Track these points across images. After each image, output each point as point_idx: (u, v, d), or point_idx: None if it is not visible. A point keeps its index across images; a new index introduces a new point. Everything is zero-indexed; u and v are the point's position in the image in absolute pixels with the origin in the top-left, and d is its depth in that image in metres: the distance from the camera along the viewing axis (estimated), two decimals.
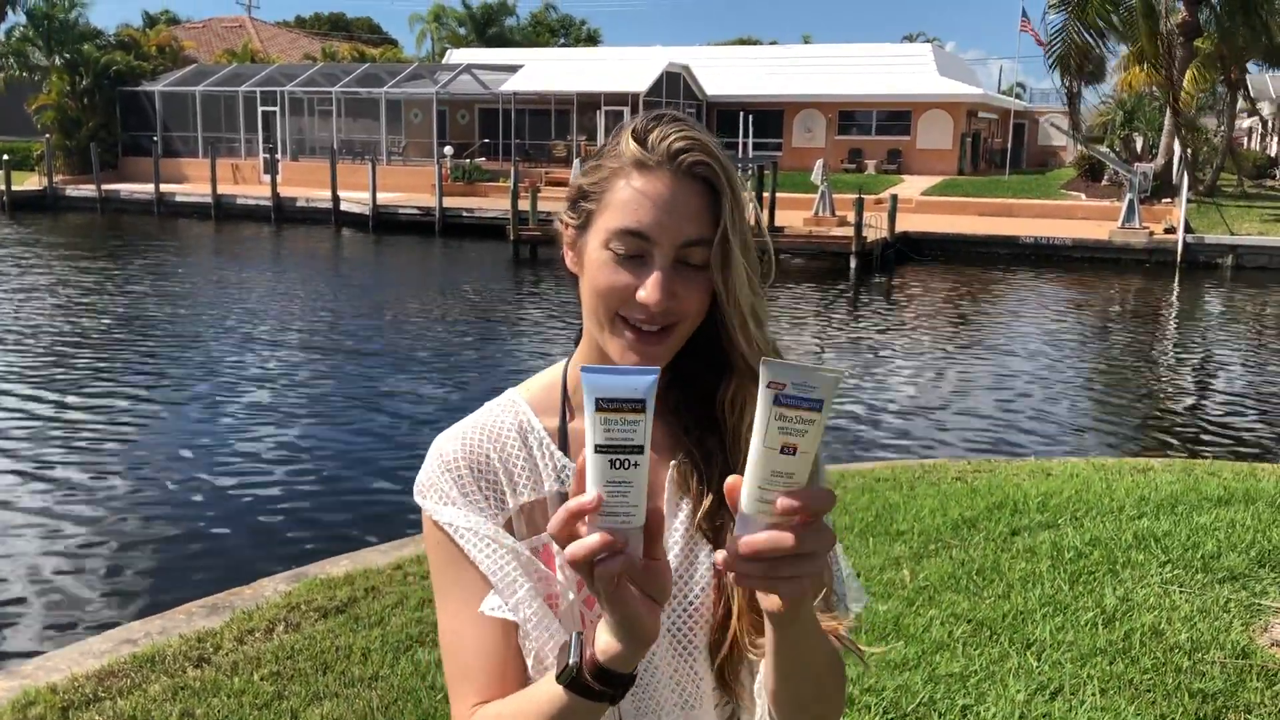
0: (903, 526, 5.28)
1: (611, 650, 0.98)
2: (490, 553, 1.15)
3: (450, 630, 1.18)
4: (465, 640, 1.16)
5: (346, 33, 67.37)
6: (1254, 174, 33.65)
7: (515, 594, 1.14)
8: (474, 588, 1.16)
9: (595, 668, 0.99)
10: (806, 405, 0.93)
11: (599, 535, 0.93)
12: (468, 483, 1.18)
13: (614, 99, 35.41)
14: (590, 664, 1.00)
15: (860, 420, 10.64)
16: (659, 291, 1.10)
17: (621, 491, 0.94)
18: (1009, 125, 44.50)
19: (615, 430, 0.93)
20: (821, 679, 1.10)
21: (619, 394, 0.93)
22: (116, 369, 12.58)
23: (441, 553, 1.19)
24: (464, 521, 1.17)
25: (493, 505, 1.18)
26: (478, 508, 1.18)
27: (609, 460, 0.94)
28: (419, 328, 15.77)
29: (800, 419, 0.93)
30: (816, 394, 0.93)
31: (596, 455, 0.94)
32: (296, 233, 29.42)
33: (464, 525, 1.17)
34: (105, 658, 4.03)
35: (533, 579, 1.15)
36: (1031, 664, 3.71)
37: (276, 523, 7.62)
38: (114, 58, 38.60)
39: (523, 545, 1.17)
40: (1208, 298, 20.82)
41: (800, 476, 0.94)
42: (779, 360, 0.94)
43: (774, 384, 0.93)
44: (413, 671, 3.87)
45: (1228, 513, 5.27)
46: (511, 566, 1.15)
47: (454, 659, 1.18)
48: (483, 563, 1.15)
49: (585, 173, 1.18)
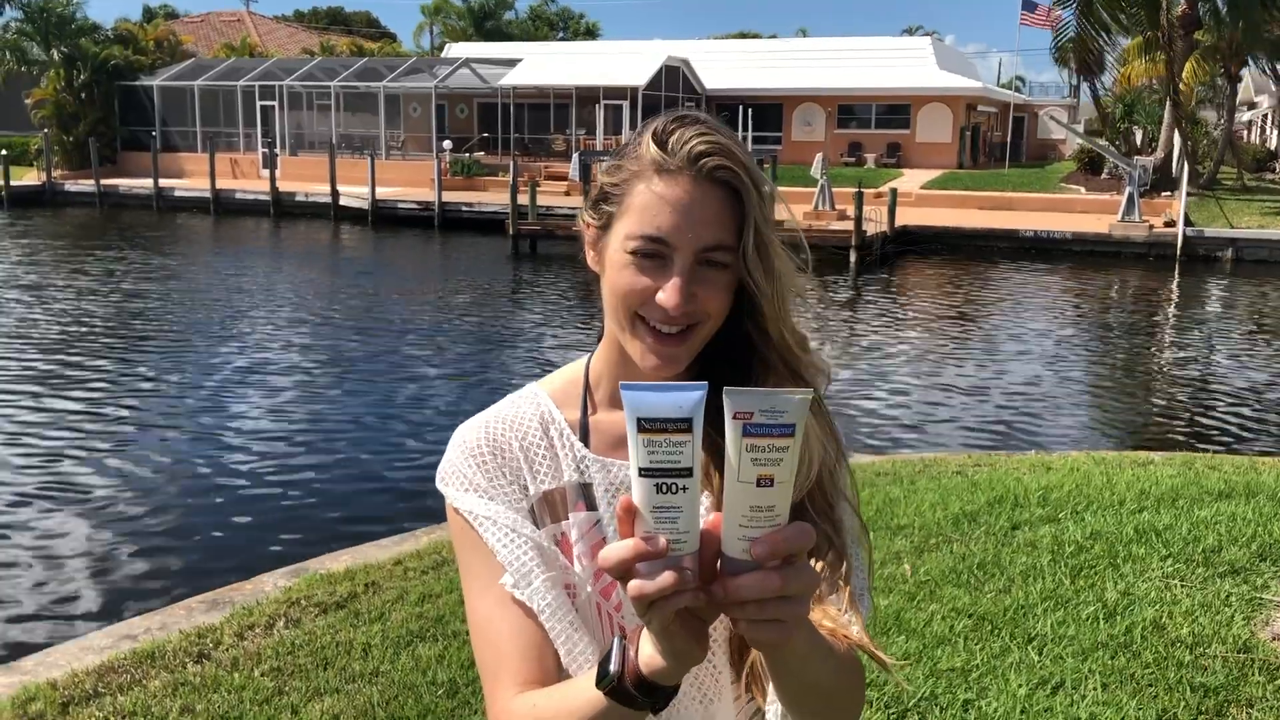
0: (903, 521, 5.28)
1: (656, 665, 0.95)
2: (508, 542, 1.16)
3: (481, 615, 1.18)
4: (497, 625, 1.16)
5: (345, 27, 67.30)
6: (1253, 167, 33.62)
7: (531, 584, 1.15)
8: (500, 572, 1.17)
9: (638, 679, 0.96)
10: (778, 432, 0.87)
11: (670, 574, 0.87)
12: (492, 469, 1.20)
13: (613, 93, 35.38)
14: (633, 675, 0.97)
15: (861, 414, 10.64)
16: (678, 295, 1.10)
17: (670, 518, 0.88)
18: (1008, 118, 44.47)
19: (660, 452, 0.87)
20: (829, 692, 1.06)
21: (664, 413, 0.87)
22: (116, 365, 12.57)
23: (465, 538, 1.20)
24: (483, 510, 1.18)
25: (517, 491, 1.20)
26: (503, 492, 1.19)
27: (655, 485, 0.88)
28: (419, 323, 15.76)
29: (773, 447, 0.87)
30: (787, 418, 0.87)
31: (641, 479, 0.88)
32: (295, 227, 29.39)
33: (483, 513, 1.18)
34: (105, 653, 4.03)
35: (552, 568, 1.16)
36: (1033, 658, 3.70)
37: (276, 518, 7.61)
38: (112, 52, 38.57)
39: (543, 534, 1.18)
40: (1208, 291, 20.81)
41: (781, 509, 0.88)
42: (741, 388, 0.87)
43: (740, 414, 0.86)
44: (414, 667, 3.86)
45: (1229, 506, 5.26)
46: (529, 557, 1.16)
47: (488, 644, 1.17)
48: (500, 551, 1.16)
49: (606, 173, 1.18)
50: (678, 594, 0.88)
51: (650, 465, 0.87)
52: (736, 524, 0.89)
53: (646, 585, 0.88)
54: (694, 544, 0.89)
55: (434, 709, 3.58)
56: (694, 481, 0.88)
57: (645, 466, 0.87)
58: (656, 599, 0.88)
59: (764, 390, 0.87)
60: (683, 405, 0.87)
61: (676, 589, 0.88)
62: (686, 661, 0.94)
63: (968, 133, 39.67)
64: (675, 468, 0.87)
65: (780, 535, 0.88)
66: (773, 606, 0.89)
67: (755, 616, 0.90)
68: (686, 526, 0.89)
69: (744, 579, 0.88)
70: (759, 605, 0.89)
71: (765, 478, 0.87)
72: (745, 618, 0.90)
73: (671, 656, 0.93)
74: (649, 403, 0.87)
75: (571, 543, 1.18)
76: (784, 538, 0.88)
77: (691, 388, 0.88)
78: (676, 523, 0.88)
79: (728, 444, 0.88)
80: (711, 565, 0.91)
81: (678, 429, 0.87)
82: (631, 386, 0.88)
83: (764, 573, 0.88)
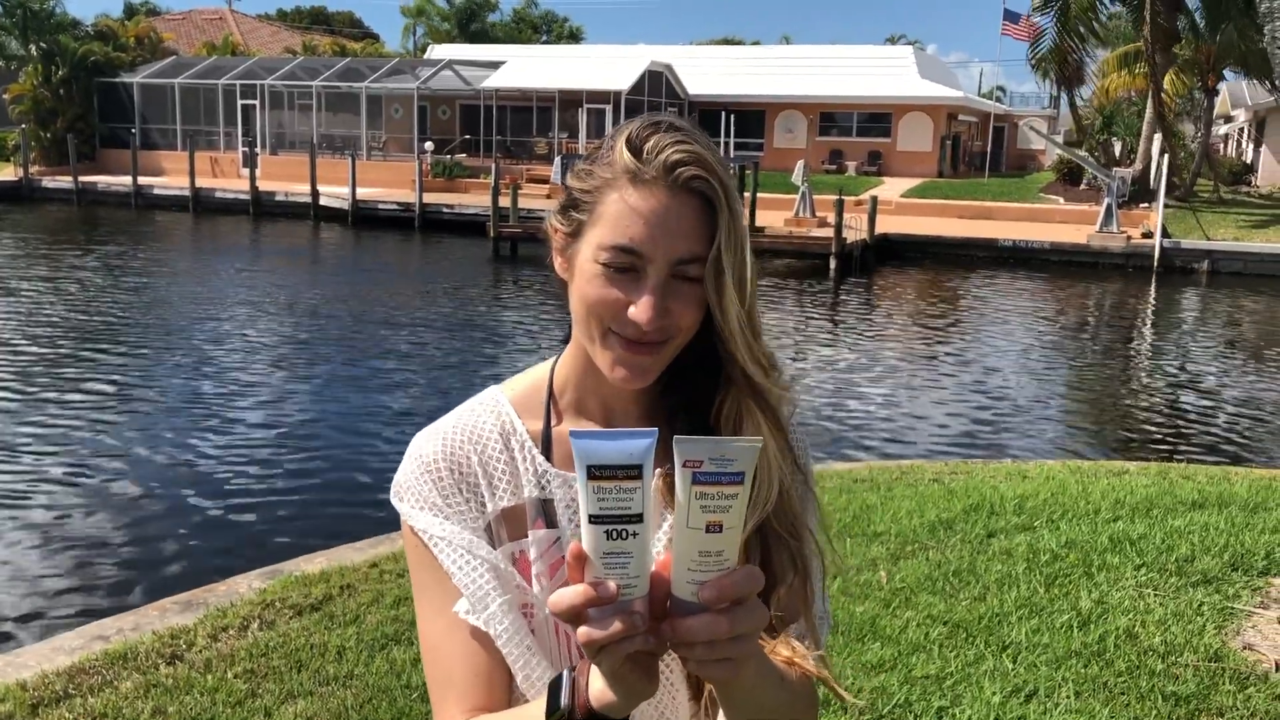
0: (880, 528, 5.29)
1: (606, 699, 0.94)
2: (463, 564, 1.13)
3: (432, 636, 1.16)
4: (448, 647, 1.14)
5: (328, 26, 67.05)
6: (1230, 180, 33.93)
7: (488, 609, 1.12)
8: (454, 592, 1.14)
9: (588, 713, 0.95)
10: (727, 480, 0.87)
11: (620, 622, 0.88)
12: (448, 485, 1.16)
13: (596, 97, 35.39)
14: (583, 710, 0.95)
15: (838, 422, 10.67)
16: (650, 310, 1.07)
17: (620, 564, 0.88)
18: (989, 128, 44.75)
19: (610, 499, 0.87)
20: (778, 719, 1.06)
21: (613, 460, 0.87)
22: (91, 364, 12.47)
23: (419, 555, 1.17)
24: (439, 530, 1.14)
25: (473, 509, 1.16)
26: (457, 511, 1.15)
27: (605, 531, 0.88)
28: (397, 324, 15.71)
29: (722, 494, 0.87)
30: (735, 467, 0.87)
31: (591, 526, 0.88)
32: (275, 227, 29.23)
33: (438, 534, 1.14)
34: (76, 654, 3.99)
35: (508, 591, 1.13)
36: (1007, 666, 3.72)
37: (251, 519, 7.57)
38: (91, 48, 38.28)
39: (499, 555, 1.15)
40: (1184, 302, 20.98)
41: (730, 553, 0.89)
42: (690, 437, 0.88)
43: (690, 462, 0.87)
44: (388, 670, 3.84)
45: (1202, 516, 5.31)
46: (485, 580, 1.13)
47: (436, 664, 1.16)
48: (455, 574, 1.13)
49: (577, 177, 1.14)
50: (628, 639, 0.89)
51: (600, 512, 0.87)
52: (685, 568, 0.89)
53: (595, 633, 0.88)
54: (644, 588, 0.90)
55: (408, 712, 3.57)
56: (645, 526, 0.88)
57: (595, 514, 0.87)
58: (606, 644, 0.88)
59: (713, 439, 0.88)
60: (632, 452, 0.87)
61: (626, 634, 0.88)
62: (638, 697, 0.94)
63: (948, 142, 39.88)
64: (625, 514, 0.87)
65: (728, 580, 0.89)
66: (721, 646, 0.90)
67: (704, 657, 0.90)
68: (637, 571, 0.89)
69: (692, 621, 0.89)
70: (708, 646, 0.89)
71: (714, 524, 0.88)
72: (694, 658, 0.91)
73: (623, 694, 0.93)
74: (598, 450, 0.87)
75: (530, 561, 1.15)
76: (731, 582, 0.89)
77: (641, 434, 0.88)
78: (627, 568, 0.89)
79: (677, 490, 0.88)
80: (662, 604, 0.91)
81: (627, 475, 0.87)
82: (581, 434, 0.88)
83: (712, 615, 0.89)
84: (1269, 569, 4.56)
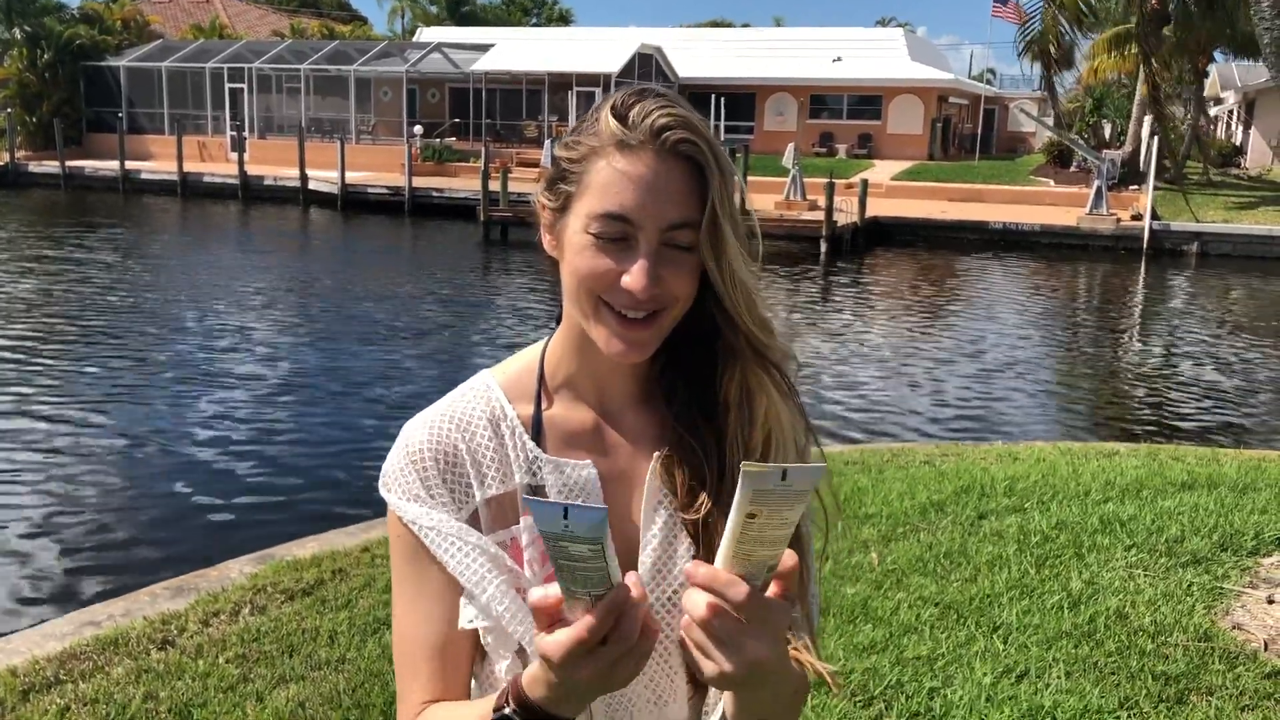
0: (871, 510, 5.30)
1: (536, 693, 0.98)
2: (456, 551, 1.12)
3: (405, 624, 1.16)
4: (418, 637, 1.15)
5: (315, 9, 66.58)
6: (1219, 162, 33.97)
7: (486, 591, 1.11)
8: (433, 585, 1.14)
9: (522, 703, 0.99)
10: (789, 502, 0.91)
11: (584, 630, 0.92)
12: (432, 477, 1.15)
13: (586, 79, 35.25)
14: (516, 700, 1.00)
15: (829, 404, 10.68)
16: (644, 278, 1.05)
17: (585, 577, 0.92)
18: (979, 111, 44.71)
19: (564, 557, 0.90)
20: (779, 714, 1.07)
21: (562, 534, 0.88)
22: (80, 348, 12.42)
23: (403, 547, 1.16)
24: (428, 520, 1.13)
25: (457, 499, 1.15)
26: (441, 503, 1.14)
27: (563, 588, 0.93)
28: (387, 308, 15.67)
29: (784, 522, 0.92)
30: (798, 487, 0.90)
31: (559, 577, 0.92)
32: (264, 211, 29.12)
33: (428, 524, 1.13)
34: (67, 640, 3.98)
35: (502, 573, 1.13)
36: (998, 647, 3.73)
37: (243, 504, 7.55)
38: (77, 31, 38.01)
39: (489, 540, 1.14)
40: (1173, 284, 21.04)
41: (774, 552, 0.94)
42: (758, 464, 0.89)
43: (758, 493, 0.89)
44: (380, 654, 3.84)
45: (1191, 497, 5.33)
46: (479, 563, 1.12)
47: (405, 655, 1.16)
48: (449, 563, 1.12)
49: (563, 148, 1.12)
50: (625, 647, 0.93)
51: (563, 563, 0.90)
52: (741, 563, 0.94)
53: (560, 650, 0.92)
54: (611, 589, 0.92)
55: None
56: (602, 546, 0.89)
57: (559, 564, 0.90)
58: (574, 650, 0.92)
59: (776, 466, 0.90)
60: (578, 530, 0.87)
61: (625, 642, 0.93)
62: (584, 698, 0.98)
63: (939, 124, 39.85)
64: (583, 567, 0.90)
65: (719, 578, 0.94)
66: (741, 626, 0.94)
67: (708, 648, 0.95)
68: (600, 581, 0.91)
69: None
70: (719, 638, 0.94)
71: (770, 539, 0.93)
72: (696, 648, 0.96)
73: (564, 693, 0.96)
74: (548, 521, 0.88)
75: (522, 547, 1.14)
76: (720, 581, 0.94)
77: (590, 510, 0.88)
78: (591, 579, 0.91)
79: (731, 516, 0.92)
80: None
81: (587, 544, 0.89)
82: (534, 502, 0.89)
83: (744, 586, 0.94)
84: (1258, 549, 4.58)
